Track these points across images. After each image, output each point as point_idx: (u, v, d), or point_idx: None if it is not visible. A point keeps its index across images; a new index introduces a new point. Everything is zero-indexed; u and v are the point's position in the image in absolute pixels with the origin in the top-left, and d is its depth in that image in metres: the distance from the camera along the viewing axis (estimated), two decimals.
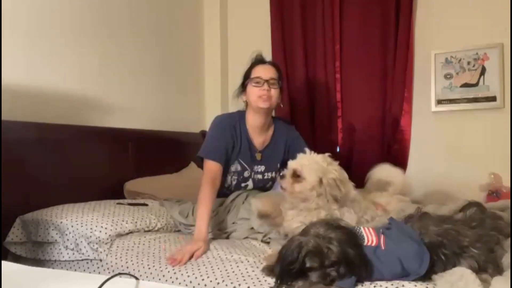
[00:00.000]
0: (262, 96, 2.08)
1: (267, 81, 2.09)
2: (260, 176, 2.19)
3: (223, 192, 2.18)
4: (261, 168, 2.19)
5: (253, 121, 2.17)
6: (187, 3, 3.28)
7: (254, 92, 2.10)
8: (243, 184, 2.17)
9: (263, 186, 2.21)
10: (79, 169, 2.30)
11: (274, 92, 2.11)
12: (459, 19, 2.71)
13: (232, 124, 2.14)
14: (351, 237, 1.29)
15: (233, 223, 2.01)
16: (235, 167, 2.14)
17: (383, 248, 1.30)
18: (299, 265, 1.24)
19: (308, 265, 1.23)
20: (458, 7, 2.71)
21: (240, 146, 2.14)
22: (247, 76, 2.17)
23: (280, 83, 2.17)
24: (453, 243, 1.31)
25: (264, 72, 2.11)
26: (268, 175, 2.20)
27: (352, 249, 1.24)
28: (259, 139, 2.19)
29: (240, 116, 2.19)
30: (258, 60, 2.18)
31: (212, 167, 2.04)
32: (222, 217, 2.05)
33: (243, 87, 2.18)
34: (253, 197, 1.98)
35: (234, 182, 2.16)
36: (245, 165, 2.15)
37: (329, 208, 1.71)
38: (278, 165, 2.23)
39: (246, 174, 2.16)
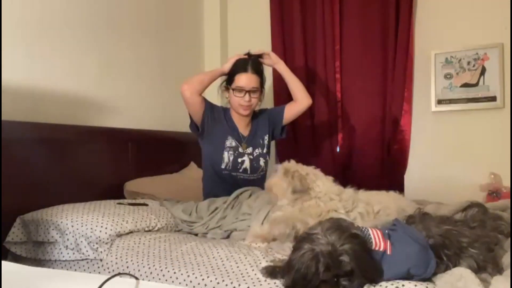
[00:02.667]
0: (243, 106, 2.25)
1: (248, 92, 2.24)
2: (251, 156, 2.33)
3: (222, 175, 2.27)
4: (249, 149, 2.33)
5: (237, 117, 2.34)
6: (187, 3, 3.28)
7: (236, 100, 2.27)
8: (239, 160, 2.28)
9: (257, 164, 2.33)
10: (79, 169, 2.30)
11: (255, 100, 2.28)
12: (459, 19, 2.71)
13: (218, 109, 2.35)
14: (364, 246, 1.25)
15: (236, 218, 2.02)
16: (230, 142, 2.28)
17: (389, 253, 1.29)
18: (317, 279, 1.18)
19: (324, 278, 1.19)
20: (458, 7, 2.71)
21: (229, 128, 2.31)
22: (230, 79, 2.30)
23: (262, 90, 2.32)
24: (454, 244, 1.30)
25: (246, 82, 2.25)
26: (257, 151, 2.35)
27: (367, 261, 1.22)
28: (245, 130, 2.37)
29: (224, 109, 2.38)
30: (243, 67, 2.27)
31: None
32: (225, 213, 2.06)
33: (225, 87, 2.33)
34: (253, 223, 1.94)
35: (231, 158, 2.26)
36: (237, 142, 2.30)
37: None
38: (261, 141, 2.38)
39: (240, 149, 2.30)
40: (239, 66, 2.28)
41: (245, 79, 2.24)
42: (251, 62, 2.29)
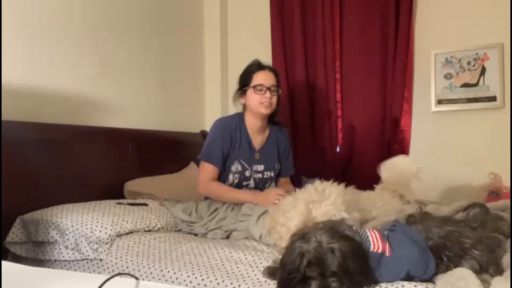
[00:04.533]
0: (264, 103, 2.16)
1: (269, 88, 2.17)
2: (260, 175, 2.25)
3: None
4: (261, 167, 2.25)
5: (252, 123, 2.25)
6: (187, 3, 3.28)
7: (256, 98, 2.18)
8: (244, 183, 2.22)
9: (262, 187, 2.27)
10: (79, 169, 2.30)
11: (275, 99, 2.21)
12: (459, 19, 2.71)
13: (232, 126, 2.20)
14: (355, 248, 1.24)
15: (236, 219, 2.02)
16: (236, 167, 2.19)
17: (387, 254, 1.28)
18: (300, 274, 1.21)
19: (308, 274, 1.21)
20: (458, 7, 2.71)
21: (239, 146, 2.20)
22: (246, 81, 2.22)
23: (279, 89, 2.25)
24: (456, 245, 1.30)
25: (266, 79, 2.19)
26: (267, 174, 2.27)
27: (354, 262, 1.21)
28: (257, 139, 2.27)
29: (240, 117, 2.26)
30: (259, 66, 2.23)
31: (210, 169, 2.15)
32: (225, 215, 2.06)
33: (242, 90, 2.24)
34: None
35: (236, 181, 2.21)
36: (245, 165, 2.21)
37: None
38: (276, 165, 2.32)
39: (247, 173, 2.22)
40: (255, 66, 2.24)
41: (263, 76, 2.19)
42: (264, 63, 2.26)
